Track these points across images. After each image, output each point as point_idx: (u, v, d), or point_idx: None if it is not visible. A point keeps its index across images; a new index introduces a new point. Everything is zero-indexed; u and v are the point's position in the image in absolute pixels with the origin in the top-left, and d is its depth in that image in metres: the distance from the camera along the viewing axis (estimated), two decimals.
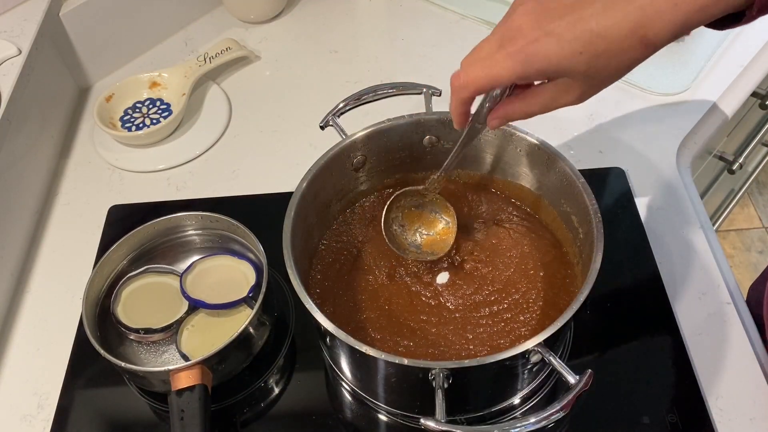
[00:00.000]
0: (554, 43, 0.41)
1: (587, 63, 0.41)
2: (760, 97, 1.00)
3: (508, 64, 0.43)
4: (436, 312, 0.63)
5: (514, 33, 0.43)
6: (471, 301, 0.63)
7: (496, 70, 0.43)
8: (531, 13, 0.42)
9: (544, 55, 0.42)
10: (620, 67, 0.42)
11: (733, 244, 1.86)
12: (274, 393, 0.66)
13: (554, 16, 0.42)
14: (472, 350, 0.60)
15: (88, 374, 0.68)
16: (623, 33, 0.40)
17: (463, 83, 0.46)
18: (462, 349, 0.60)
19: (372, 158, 0.68)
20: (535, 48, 0.42)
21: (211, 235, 0.72)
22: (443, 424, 0.48)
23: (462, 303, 0.63)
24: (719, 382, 0.63)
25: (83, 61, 0.95)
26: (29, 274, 0.77)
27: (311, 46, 1.01)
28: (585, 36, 0.41)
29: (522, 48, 0.42)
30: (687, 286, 0.70)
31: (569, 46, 0.41)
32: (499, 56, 0.43)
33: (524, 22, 0.42)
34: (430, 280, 0.65)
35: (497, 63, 0.43)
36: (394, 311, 0.63)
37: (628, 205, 0.76)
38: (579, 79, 0.43)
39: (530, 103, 0.46)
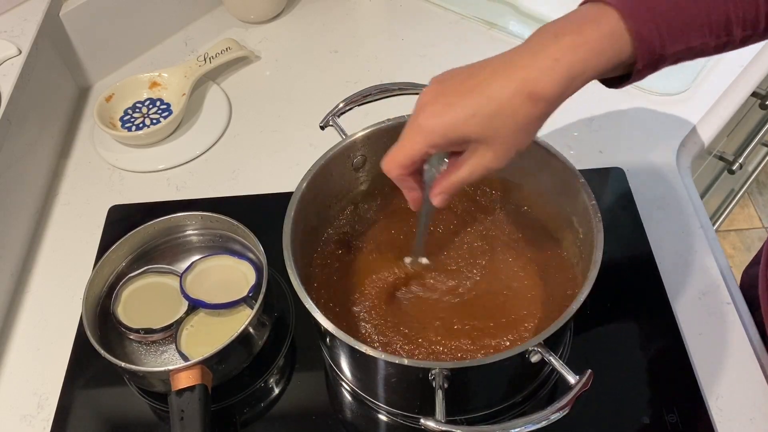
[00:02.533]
0: (450, 111, 0.46)
1: (483, 125, 0.45)
2: (760, 97, 1.00)
3: (416, 138, 0.48)
4: (436, 312, 0.63)
5: (418, 110, 0.48)
6: (471, 302, 0.63)
7: (408, 145, 0.49)
8: (433, 92, 0.47)
9: (442, 124, 0.46)
10: (518, 125, 0.45)
11: (733, 244, 1.86)
12: (274, 393, 0.66)
13: (450, 90, 0.47)
14: (472, 350, 0.60)
15: (88, 374, 0.68)
16: (509, 93, 0.44)
17: (385, 166, 0.51)
18: (462, 349, 0.60)
19: (372, 158, 0.68)
20: (435, 119, 0.46)
21: (211, 235, 0.72)
22: (443, 424, 0.48)
23: (462, 303, 0.63)
24: (719, 382, 0.63)
25: (83, 61, 0.95)
26: (29, 274, 0.77)
27: (311, 46, 1.01)
28: (476, 100, 0.45)
29: (423, 120, 0.47)
30: (687, 286, 0.70)
31: (462, 111, 0.45)
32: (409, 132, 0.48)
33: (427, 100, 0.47)
34: (430, 280, 0.65)
35: (407, 139, 0.48)
36: (395, 311, 0.63)
37: (628, 205, 0.76)
38: (485, 143, 0.47)
39: (458, 173, 0.50)
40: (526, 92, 0.44)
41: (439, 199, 0.52)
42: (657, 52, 0.44)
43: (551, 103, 0.45)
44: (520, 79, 0.44)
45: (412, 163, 0.49)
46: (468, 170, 0.49)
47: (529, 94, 0.44)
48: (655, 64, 0.45)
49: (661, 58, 0.44)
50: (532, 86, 0.44)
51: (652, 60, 0.44)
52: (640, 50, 0.43)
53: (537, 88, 0.44)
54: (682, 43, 0.44)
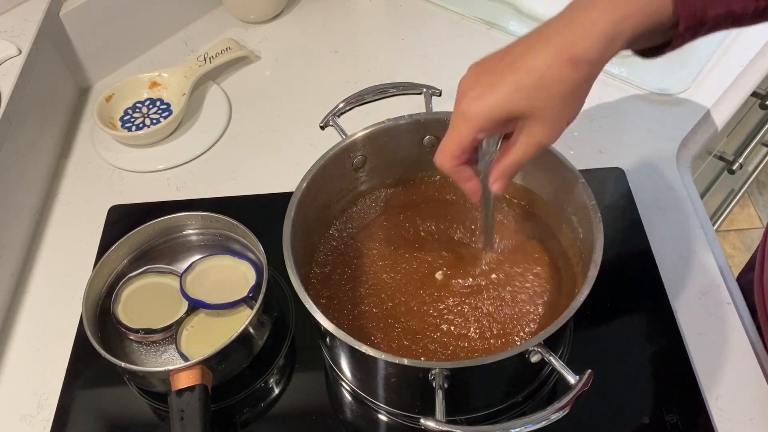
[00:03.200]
0: (490, 92, 0.45)
1: (527, 98, 0.44)
2: (760, 97, 1.00)
3: (461, 125, 0.47)
4: (436, 311, 0.63)
5: (459, 97, 0.47)
6: (471, 301, 0.63)
7: (455, 134, 0.48)
8: (471, 77, 0.47)
9: (485, 106, 0.45)
10: (564, 93, 0.44)
11: (733, 244, 1.86)
12: (274, 393, 0.66)
13: (488, 71, 0.46)
14: (472, 350, 0.60)
15: (88, 374, 0.68)
16: (549, 60, 0.43)
17: (437, 161, 0.51)
18: (462, 348, 0.60)
19: (372, 158, 0.68)
20: (477, 103, 0.46)
21: (211, 235, 0.72)
22: (443, 424, 0.48)
23: (462, 303, 0.63)
24: (719, 382, 0.63)
25: (83, 61, 0.95)
26: (29, 274, 0.77)
27: (311, 46, 1.01)
28: (515, 76, 0.44)
29: (466, 107, 0.46)
30: (687, 286, 0.70)
31: (503, 90, 0.45)
32: (455, 121, 0.48)
33: (467, 86, 0.47)
34: (430, 280, 0.65)
35: (454, 128, 0.48)
36: (395, 311, 0.63)
37: (628, 205, 0.76)
38: (532, 118, 0.46)
39: (511, 155, 0.49)
40: (565, 57, 0.43)
41: (497, 186, 0.51)
42: (698, 15, 0.42)
43: (594, 64, 0.44)
44: (557, 45, 0.43)
45: (462, 153, 0.48)
46: (521, 150, 0.47)
47: (570, 58, 0.43)
48: (695, 28, 0.43)
49: (701, 21, 0.43)
50: (571, 50, 0.43)
51: (693, 23, 0.43)
52: (681, 11, 0.42)
53: (576, 51, 0.43)
54: (723, 4, 0.42)
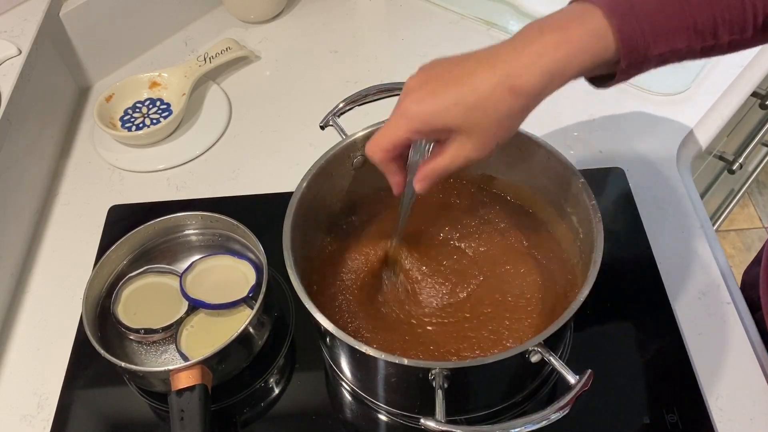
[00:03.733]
0: (433, 99, 0.47)
1: (464, 115, 0.46)
2: (760, 97, 1.00)
3: (399, 122, 0.49)
4: (436, 311, 0.63)
5: (403, 96, 0.49)
6: (471, 301, 0.63)
7: (391, 129, 0.50)
8: (419, 79, 0.48)
9: (424, 111, 0.47)
10: (500, 118, 0.46)
11: (733, 244, 1.86)
12: (274, 393, 0.66)
13: (435, 78, 0.48)
14: (472, 350, 0.60)
15: (88, 374, 0.68)
16: (491, 85, 0.45)
17: (369, 150, 0.52)
18: (462, 348, 0.60)
19: None
20: (418, 105, 0.47)
21: (211, 235, 0.72)
22: (443, 424, 0.48)
23: (462, 302, 0.63)
24: (719, 382, 0.63)
25: (83, 61, 0.95)
26: (29, 274, 0.77)
27: (311, 46, 1.01)
28: (458, 90, 0.46)
29: (407, 106, 0.48)
30: (687, 286, 0.70)
31: (445, 100, 0.46)
32: (393, 117, 0.49)
33: (412, 86, 0.48)
34: (430, 279, 0.65)
35: (392, 123, 0.50)
36: (395, 311, 0.63)
37: (628, 205, 0.76)
38: (465, 133, 0.47)
39: (439, 161, 0.50)
40: (507, 85, 0.45)
41: (420, 185, 0.53)
42: (641, 52, 0.44)
43: (532, 97, 0.46)
44: (502, 72, 0.45)
45: (394, 148, 0.50)
46: (448, 158, 0.49)
47: (511, 87, 0.45)
48: (639, 64, 0.45)
49: (645, 58, 0.45)
50: (514, 80, 0.45)
51: (637, 60, 0.45)
52: (623, 49, 0.44)
53: (518, 82, 0.45)
54: (666, 44, 0.44)
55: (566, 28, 0.44)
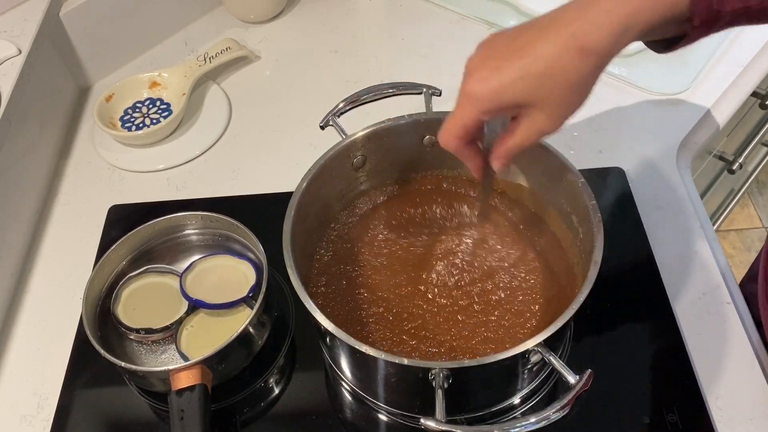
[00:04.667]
0: (496, 75, 0.45)
1: (532, 86, 0.44)
2: (760, 97, 1.00)
3: (465, 105, 0.47)
4: (436, 311, 0.63)
5: (466, 76, 0.47)
6: (471, 301, 0.63)
7: (458, 114, 0.48)
8: (479, 57, 0.47)
9: (489, 89, 0.45)
10: (571, 84, 0.44)
11: (733, 244, 1.86)
12: (274, 393, 0.66)
13: (496, 53, 0.45)
14: (472, 350, 0.60)
15: (88, 374, 0.68)
16: (558, 49, 0.43)
17: (441, 140, 0.50)
18: (462, 348, 0.60)
19: (372, 158, 0.68)
20: (482, 84, 0.45)
21: (211, 235, 0.72)
22: (443, 424, 0.48)
23: (462, 303, 0.63)
24: (719, 382, 0.63)
25: (83, 61, 0.95)
26: (29, 274, 0.77)
27: (311, 46, 1.01)
28: (523, 61, 0.44)
29: (471, 87, 0.46)
30: (687, 286, 0.70)
31: (510, 73, 0.44)
32: (460, 101, 0.47)
33: (474, 66, 0.47)
34: (430, 279, 0.65)
35: (459, 107, 0.48)
36: (395, 311, 0.63)
37: (628, 205, 0.76)
38: (536, 105, 0.45)
39: (513, 139, 0.49)
40: (575, 47, 0.42)
41: (497, 164, 0.51)
42: (714, 8, 0.41)
43: (603, 56, 0.43)
44: (568, 34, 0.42)
45: (466, 133, 0.48)
46: (522, 135, 0.47)
47: (579, 48, 0.42)
48: (710, 22, 0.42)
49: (717, 15, 0.42)
50: (582, 40, 0.42)
51: (708, 17, 0.42)
52: (697, 4, 0.41)
53: (587, 41, 0.42)
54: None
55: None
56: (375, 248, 0.68)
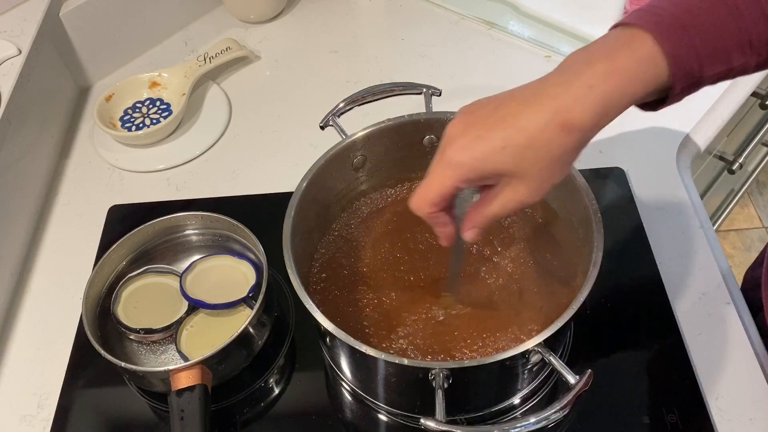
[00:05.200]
0: (479, 144, 0.44)
1: (515, 157, 0.43)
2: (760, 97, 1.00)
3: (445, 172, 0.46)
4: (436, 312, 0.63)
5: (446, 144, 0.46)
6: (471, 301, 0.63)
7: (437, 181, 0.47)
8: (460, 123, 0.46)
9: (472, 157, 0.44)
10: (553, 158, 0.43)
11: (733, 244, 1.86)
12: (274, 393, 0.66)
13: (479, 122, 0.45)
14: (472, 350, 0.60)
15: (88, 374, 0.68)
16: (541, 123, 0.42)
17: (415, 205, 0.49)
18: (462, 348, 0.60)
19: (372, 158, 0.68)
20: (465, 152, 0.45)
21: (211, 235, 0.72)
22: (443, 424, 0.48)
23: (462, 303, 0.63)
24: (719, 382, 0.63)
25: (83, 61, 0.95)
26: (29, 274, 0.77)
27: (311, 46, 1.01)
28: (506, 132, 0.43)
29: (452, 154, 0.45)
30: (687, 286, 0.70)
31: (491, 144, 0.44)
32: (437, 168, 0.47)
33: (455, 133, 0.46)
34: (430, 279, 0.65)
35: (437, 175, 0.47)
36: (395, 311, 0.63)
37: (628, 205, 0.76)
38: (517, 176, 0.45)
39: (490, 208, 0.48)
40: (558, 122, 0.42)
41: (470, 234, 0.50)
42: (695, 75, 0.42)
43: (586, 132, 0.43)
44: (551, 108, 0.42)
45: (442, 200, 0.47)
46: (500, 205, 0.47)
47: (562, 123, 0.42)
48: (693, 86, 0.43)
49: (700, 80, 0.42)
50: (565, 115, 0.42)
51: (691, 83, 0.42)
52: (677, 74, 0.41)
53: (570, 117, 0.42)
54: (722, 64, 0.42)
55: (614, 57, 0.42)
56: (375, 248, 0.68)
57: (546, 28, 0.97)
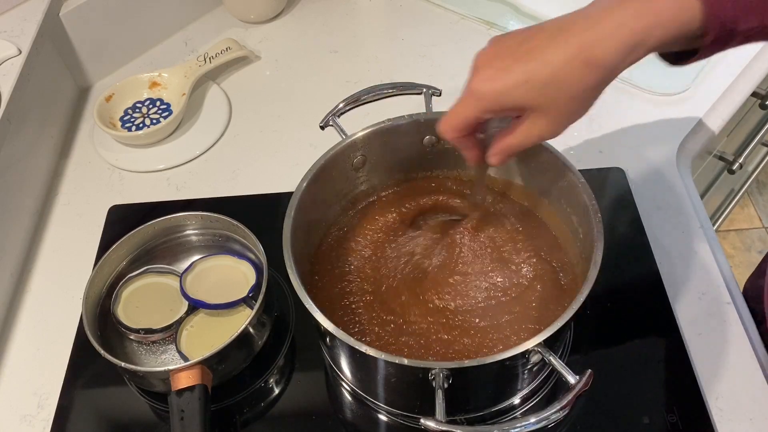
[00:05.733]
0: (502, 77, 0.45)
1: (536, 91, 0.44)
2: (760, 97, 1.00)
3: (469, 102, 0.47)
4: (436, 312, 0.63)
5: (473, 74, 0.47)
6: (471, 301, 0.63)
7: (460, 109, 0.48)
8: (488, 54, 0.47)
9: (493, 89, 0.45)
10: (574, 94, 0.44)
11: (733, 244, 1.86)
12: (274, 393, 0.66)
13: (505, 55, 0.45)
14: (472, 350, 0.60)
15: (88, 374, 0.68)
16: (565, 58, 0.43)
17: (440, 129, 0.51)
18: (462, 348, 0.60)
19: (372, 158, 0.68)
20: (487, 84, 0.46)
21: (211, 235, 0.72)
22: (443, 424, 0.48)
23: (462, 303, 0.63)
24: (719, 382, 0.63)
25: (83, 61, 0.95)
26: (29, 274, 0.77)
27: (311, 46, 1.01)
28: (529, 66, 0.44)
29: (476, 85, 0.46)
30: (687, 286, 0.70)
31: (515, 77, 0.44)
32: (464, 96, 0.48)
33: (482, 63, 0.47)
34: (430, 279, 0.65)
35: (462, 102, 0.48)
36: (394, 311, 0.63)
37: (628, 205, 0.76)
38: (538, 110, 0.46)
39: (512, 138, 0.49)
40: (582, 58, 0.42)
41: (494, 159, 0.52)
42: (728, 27, 0.41)
43: (609, 70, 0.43)
44: (577, 43, 0.42)
45: (466, 127, 0.49)
46: (521, 137, 0.48)
47: (586, 59, 0.42)
48: (724, 40, 0.42)
49: (731, 33, 0.41)
50: (590, 51, 0.42)
51: (723, 35, 0.41)
52: (711, 23, 0.40)
53: (595, 53, 0.42)
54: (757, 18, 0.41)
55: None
56: (375, 249, 0.68)
57: None
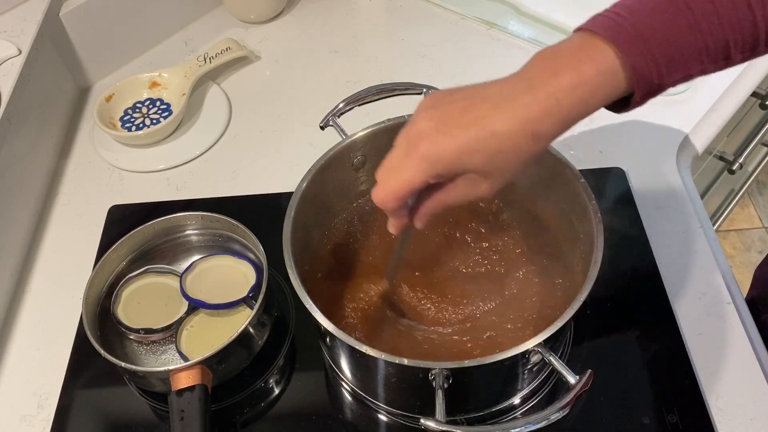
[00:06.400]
0: (453, 143, 0.45)
1: (485, 160, 0.45)
2: (760, 97, 1.00)
3: (417, 166, 0.46)
4: (436, 311, 0.63)
5: (417, 138, 0.46)
6: (471, 301, 0.63)
7: (408, 174, 0.46)
8: (431, 118, 0.46)
9: (445, 155, 0.45)
10: (519, 161, 0.46)
11: (733, 244, 1.86)
12: (274, 393, 0.66)
13: (451, 119, 0.45)
14: (472, 350, 0.60)
15: (88, 374, 0.68)
16: (514, 130, 0.44)
17: (383, 198, 0.49)
18: (462, 348, 0.60)
19: (372, 158, 0.68)
20: (438, 148, 0.45)
21: (211, 235, 0.72)
22: (443, 424, 0.48)
23: (462, 303, 0.63)
24: (719, 382, 0.63)
25: (83, 61, 0.95)
26: (29, 274, 0.77)
27: (311, 46, 1.01)
28: (479, 135, 0.44)
29: (427, 149, 0.45)
30: (687, 286, 0.70)
31: (466, 145, 0.45)
32: (408, 161, 0.46)
33: (426, 127, 0.46)
34: (430, 278, 0.65)
35: (407, 168, 0.46)
36: (394, 310, 0.63)
37: (628, 205, 0.76)
38: (482, 175, 0.46)
39: (447, 197, 0.49)
40: (529, 132, 0.44)
41: (421, 222, 0.52)
42: (655, 84, 0.44)
43: (551, 140, 0.46)
44: (523, 118, 0.44)
45: (411, 194, 0.48)
46: (459, 195, 0.49)
47: (533, 133, 0.44)
48: (653, 93, 0.45)
49: (659, 87, 0.44)
50: (535, 127, 0.44)
51: (650, 90, 0.44)
52: (637, 84, 0.44)
53: (540, 128, 0.44)
54: (680, 72, 0.44)
55: (579, 68, 0.43)
56: (375, 249, 0.68)
57: (546, 28, 0.97)
